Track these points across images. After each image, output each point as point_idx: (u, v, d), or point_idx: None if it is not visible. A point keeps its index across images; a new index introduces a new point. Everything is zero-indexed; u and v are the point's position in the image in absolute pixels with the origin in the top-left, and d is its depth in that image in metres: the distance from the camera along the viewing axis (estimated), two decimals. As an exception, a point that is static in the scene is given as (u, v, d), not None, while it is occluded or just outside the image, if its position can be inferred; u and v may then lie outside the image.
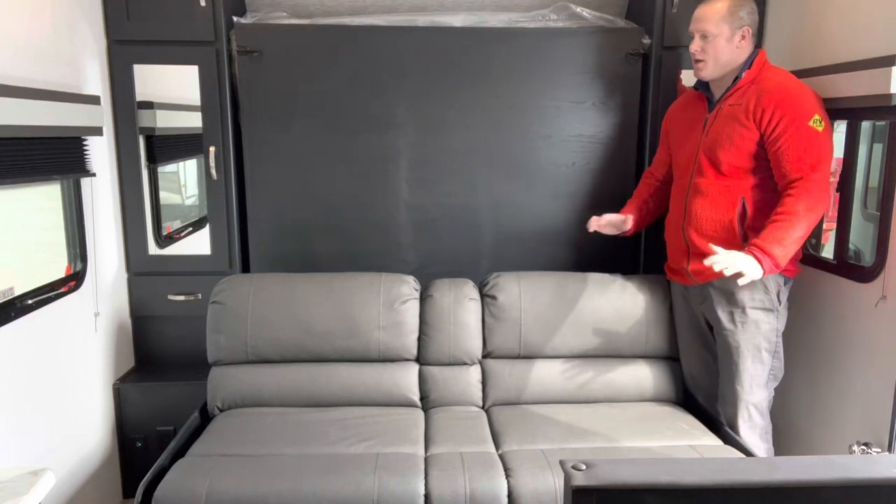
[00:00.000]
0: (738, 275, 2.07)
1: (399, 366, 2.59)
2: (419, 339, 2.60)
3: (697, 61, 2.34)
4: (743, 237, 2.28)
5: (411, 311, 2.58)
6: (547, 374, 2.60)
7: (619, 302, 2.61)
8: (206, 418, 2.53)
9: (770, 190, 2.26)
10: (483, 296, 2.66)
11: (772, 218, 2.16)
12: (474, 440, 2.31)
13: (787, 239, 2.11)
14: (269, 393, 2.53)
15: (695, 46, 2.32)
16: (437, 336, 2.59)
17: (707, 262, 2.10)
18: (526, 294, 2.60)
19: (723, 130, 2.30)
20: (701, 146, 2.37)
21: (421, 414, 2.51)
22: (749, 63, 2.30)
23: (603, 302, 2.61)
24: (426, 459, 2.18)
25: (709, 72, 2.33)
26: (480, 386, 2.62)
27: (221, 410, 2.53)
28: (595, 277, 2.67)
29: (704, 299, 2.42)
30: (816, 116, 2.17)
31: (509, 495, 2.03)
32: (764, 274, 2.10)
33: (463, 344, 2.59)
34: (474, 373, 2.62)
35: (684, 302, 2.56)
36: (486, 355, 2.63)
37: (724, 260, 2.07)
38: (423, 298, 2.64)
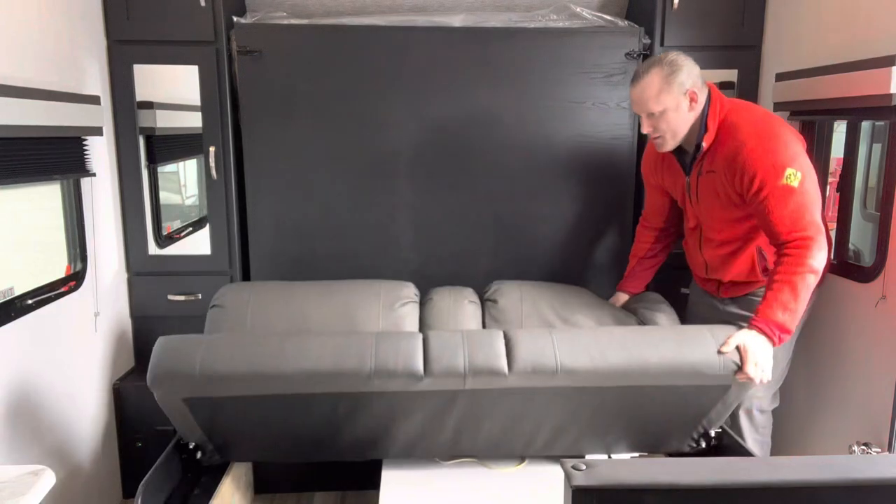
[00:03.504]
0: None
1: None
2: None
3: (656, 138, 2.21)
4: (763, 271, 2.26)
5: (411, 314, 2.57)
6: None
7: (620, 313, 2.60)
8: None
9: None
10: (484, 301, 2.66)
11: (769, 285, 2.05)
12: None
13: (793, 298, 2.00)
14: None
15: (646, 127, 2.18)
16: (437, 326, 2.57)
17: (745, 380, 2.00)
18: (527, 301, 2.58)
19: (712, 204, 2.23)
20: (697, 212, 2.32)
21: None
22: (704, 124, 2.15)
23: (603, 311, 2.59)
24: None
25: (671, 145, 2.21)
26: None
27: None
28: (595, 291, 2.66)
29: (734, 300, 2.41)
30: (788, 171, 2.01)
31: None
32: (776, 345, 2.01)
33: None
34: None
35: (704, 299, 2.53)
36: None
37: (756, 369, 1.97)
38: (423, 303, 2.63)
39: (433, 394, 1.98)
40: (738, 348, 1.97)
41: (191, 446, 2.17)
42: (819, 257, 2.01)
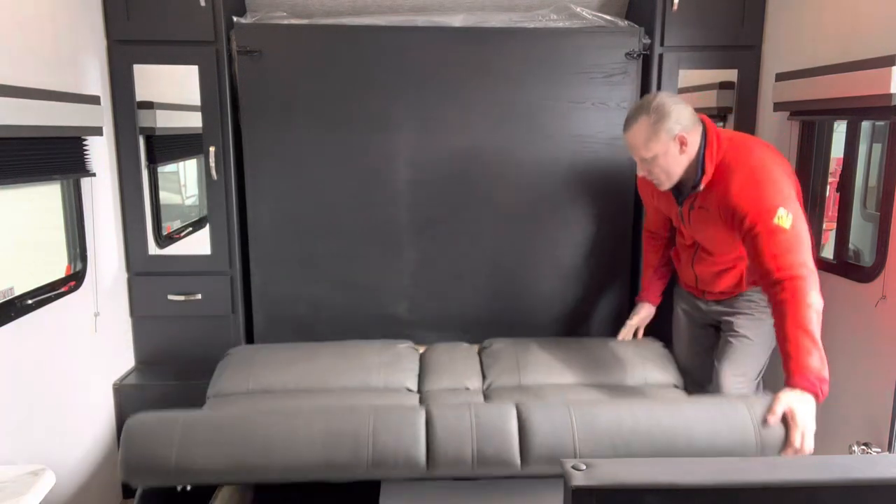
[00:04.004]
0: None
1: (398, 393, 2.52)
2: (418, 375, 2.58)
3: (652, 179, 2.24)
4: (750, 284, 2.32)
5: (411, 356, 2.64)
6: (550, 393, 2.52)
7: (615, 360, 2.61)
8: None
9: None
10: (480, 350, 2.73)
11: (783, 335, 1.96)
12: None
13: (814, 344, 1.93)
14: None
15: (641, 170, 2.22)
16: (436, 369, 2.58)
17: (792, 455, 1.83)
18: (520, 345, 2.66)
19: (705, 230, 2.27)
20: (691, 233, 2.36)
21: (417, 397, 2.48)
22: (701, 165, 2.15)
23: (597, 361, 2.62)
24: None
25: (668, 185, 2.23)
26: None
27: None
28: (590, 342, 2.71)
29: (718, 301, 2.44)
30: (780, 211, 2.01)
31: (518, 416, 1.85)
32: (820, 401, 1.88)
33: (462, 378, 2.54)
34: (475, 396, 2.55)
35: (688, 299, 2.57)
36: (488, 387, 2.56)
37: (805, 437, 1.82)
38: (422, 354, 2.69)
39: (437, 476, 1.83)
40: (783, 416, 1.82)
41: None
42: (815, 295, 1.98)
